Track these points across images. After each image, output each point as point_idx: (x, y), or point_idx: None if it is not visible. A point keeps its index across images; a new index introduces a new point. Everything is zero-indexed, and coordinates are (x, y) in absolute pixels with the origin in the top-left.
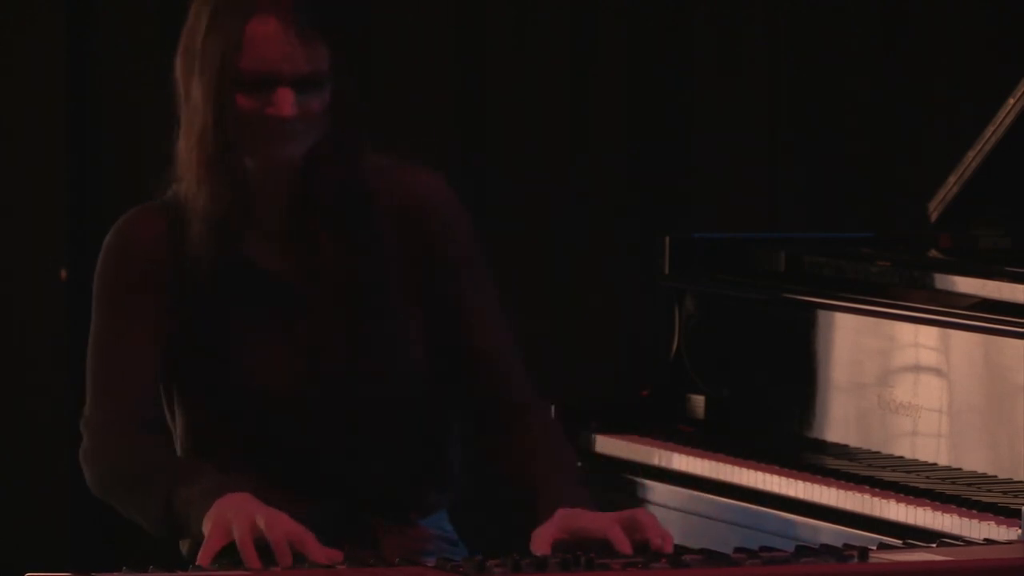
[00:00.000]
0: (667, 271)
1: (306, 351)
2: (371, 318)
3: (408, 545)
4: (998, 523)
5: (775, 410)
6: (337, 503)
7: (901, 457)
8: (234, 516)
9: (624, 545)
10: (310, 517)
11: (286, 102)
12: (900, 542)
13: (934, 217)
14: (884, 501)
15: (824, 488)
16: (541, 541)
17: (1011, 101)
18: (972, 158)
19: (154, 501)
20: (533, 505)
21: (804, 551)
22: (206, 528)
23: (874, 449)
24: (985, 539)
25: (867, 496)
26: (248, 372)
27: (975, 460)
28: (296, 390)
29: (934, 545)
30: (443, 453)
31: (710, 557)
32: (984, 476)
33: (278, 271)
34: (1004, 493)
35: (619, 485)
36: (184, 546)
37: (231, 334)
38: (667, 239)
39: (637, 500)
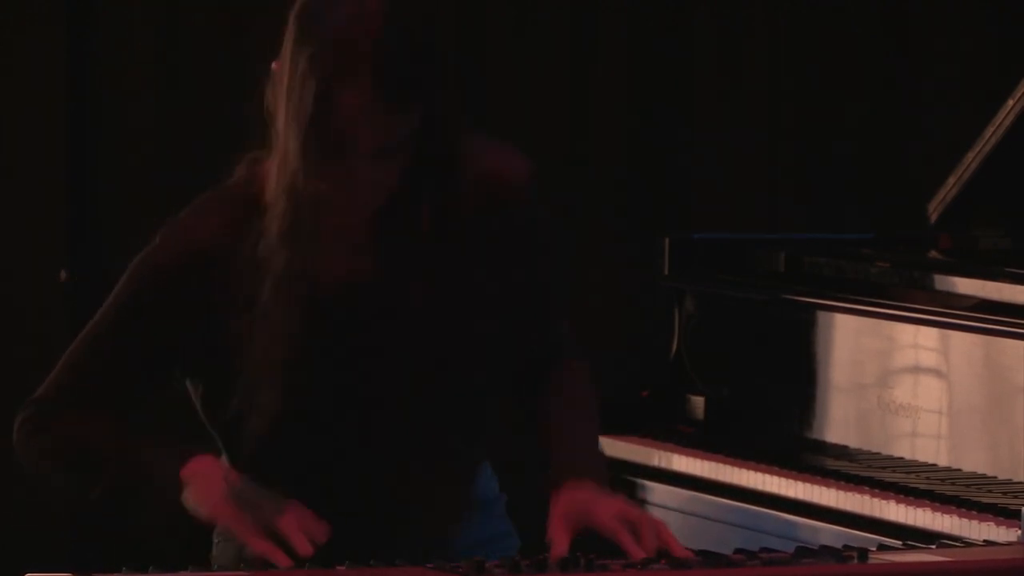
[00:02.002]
0: (667, 271)
1: (363, 366)
2: (454, 326)
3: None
4: (998, 524)
5: (775, 410)
6: (378, 522)
7: (901, 458)
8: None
9: (636, 553)
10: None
11: (361, 172)
12: (900, 543)
13: (934, 217)
14: (884, 502)
15: (824, 489)
16: (557, 535)
17: (1011, 102)
18: (972, 159)
19: (115, 456)
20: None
21: (804, 552)
22: (194, 500)
23: (874, 450)
24: (985, 540)
25: (867, 497)
26: (291, 388)
27: (975, 461)
28: (355, 406)
29: (934, 546)
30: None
31: (710, 558)
32: (984, 477)
33: (349, 283)
34: (1004, 494)
35: (619, 485)
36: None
37: (284, 347)
38: (667, 239)
39: (637, 500)
